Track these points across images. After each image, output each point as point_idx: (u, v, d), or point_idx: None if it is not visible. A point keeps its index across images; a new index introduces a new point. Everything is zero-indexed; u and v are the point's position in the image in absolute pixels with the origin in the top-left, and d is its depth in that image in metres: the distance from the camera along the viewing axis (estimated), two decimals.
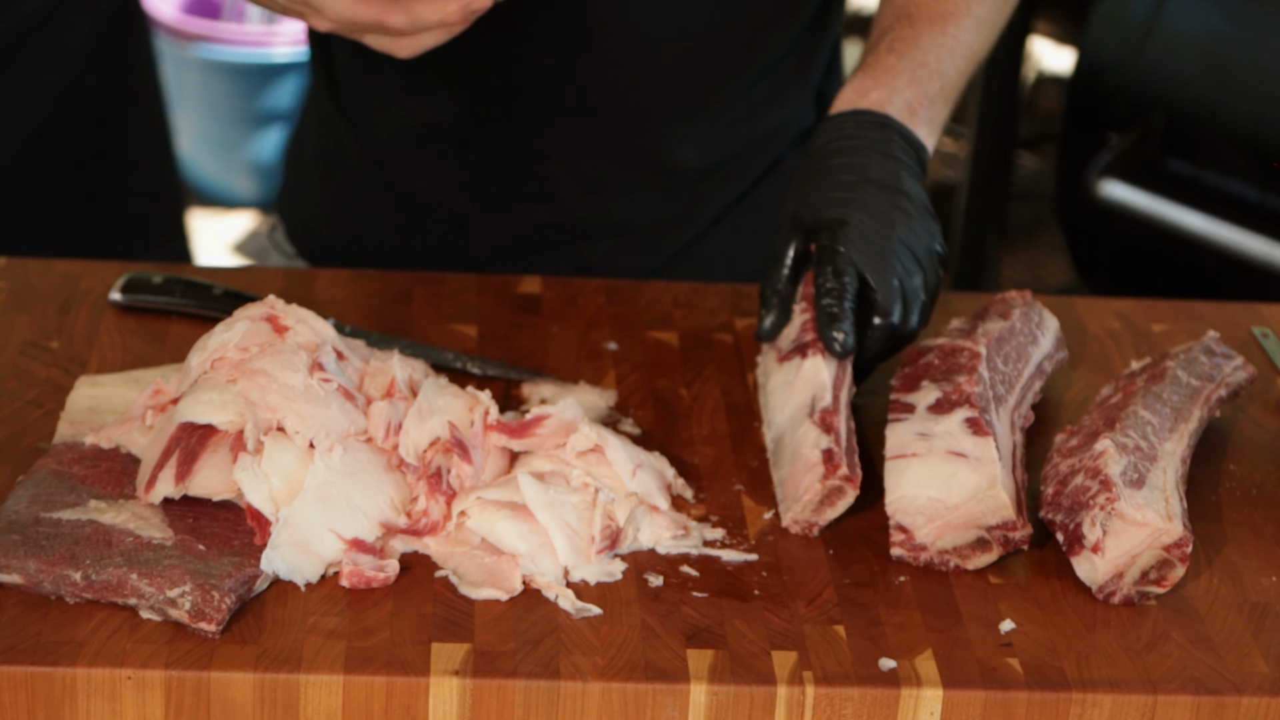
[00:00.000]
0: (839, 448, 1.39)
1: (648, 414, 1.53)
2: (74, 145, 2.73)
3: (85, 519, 1.33)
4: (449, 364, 1.56)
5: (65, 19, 2.64)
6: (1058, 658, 1.31)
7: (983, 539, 1.37)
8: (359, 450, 1.37)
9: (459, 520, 1.36)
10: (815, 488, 1.38)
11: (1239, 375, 1.54)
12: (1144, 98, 2.97)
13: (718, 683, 1.27)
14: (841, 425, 1.41)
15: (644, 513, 1.39)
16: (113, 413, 1.45)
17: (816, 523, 1.39)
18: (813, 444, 1.40)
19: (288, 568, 1.31)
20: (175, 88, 3.55)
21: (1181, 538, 1.34)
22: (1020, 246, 3.95)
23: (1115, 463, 1.37)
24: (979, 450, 1.38)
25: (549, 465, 1.40)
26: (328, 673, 1.25)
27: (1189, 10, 2.96)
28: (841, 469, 1.38)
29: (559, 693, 1.26)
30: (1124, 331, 1.68)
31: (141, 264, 1.64)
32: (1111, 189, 2.98)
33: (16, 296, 1.61)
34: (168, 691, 1.24)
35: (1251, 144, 2.90)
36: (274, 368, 1.37)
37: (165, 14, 3.75)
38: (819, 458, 1.39)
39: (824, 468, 1.38)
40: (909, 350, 1.51)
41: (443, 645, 1.28)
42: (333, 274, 1.68)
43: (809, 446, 1.40)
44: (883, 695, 1.27)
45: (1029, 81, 4.10)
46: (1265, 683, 1.30)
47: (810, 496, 1.38)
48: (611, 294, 1.68)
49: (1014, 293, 1.58)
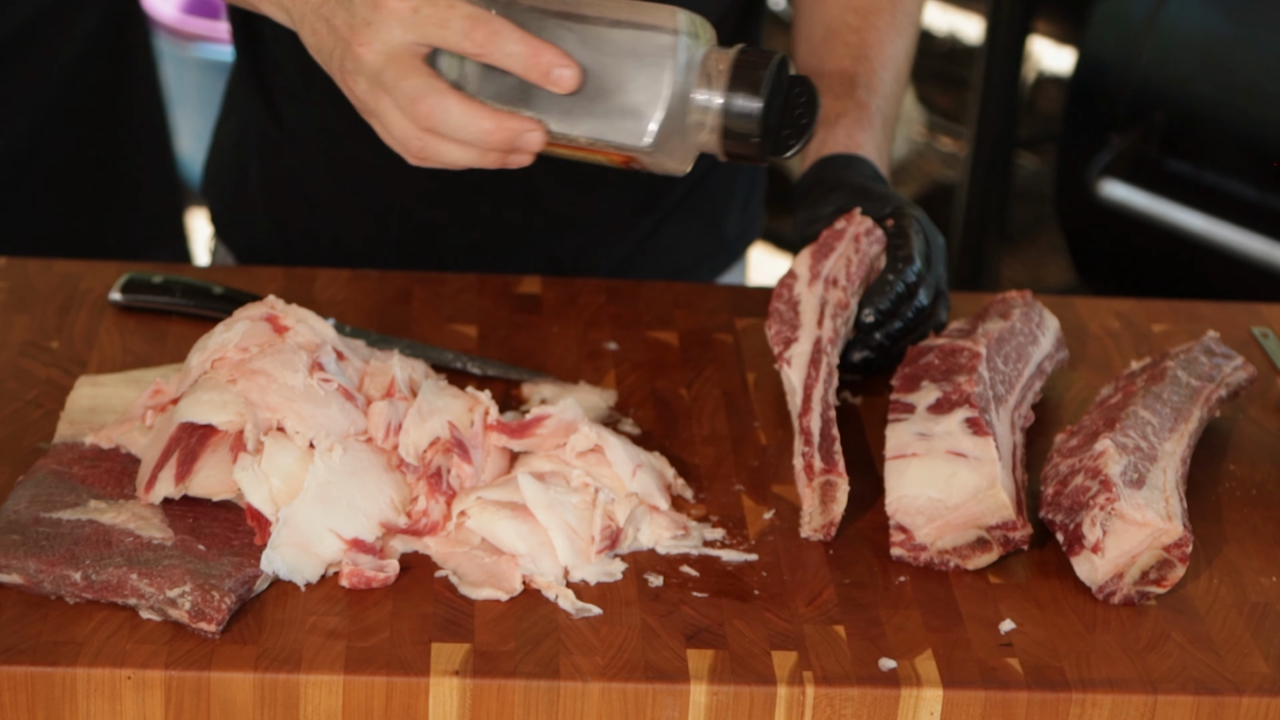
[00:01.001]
0: (811, 447, 1.40)
1: (648, 414, 1.53)
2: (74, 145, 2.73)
3: (85, 519, 1.33)
4: (449, 364, 1.56)
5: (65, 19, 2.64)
6: (1058, 658, 1.31)
7: (983, 539, 1.37)
8: (359, 450, 1.37)
9: (459, 520, 1.36)
10: (807, 494, 1.38)
11: (1239, 375, 1.54)
12: (1144, 98, 2.97)
13: (718, 683, 1.27)
14: (814, 423, 1.41)
15: (644, 513, 1.39)
16: (113, 413, 1.45)
17: (830, 523, 1.39)
18: (798, 452, 1.41)
19: (288, 568, 1.31)
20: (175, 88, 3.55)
21: (1181, 538, 1.34)
22: (1020, 246, 3.95)
23: (1115, 463, 1.37)
24: (979, 450, 1.38)
25: (549, 465, 1.40)
26: (328, 673, 1.25)
27: (1189, 10, 2.96)
28: (818, 466, 1.38)
29: (559, 693, 1.26)
30: (1124, 331, 1.68)
31: (141, 264, 1.64)
32: (1111, 189, 2.98)
33: (16, 296, 1.61)
34: (168, 691, 1.24)
35: (1251, 144, 2.90)
36: (274, 368, 1.37)
37: (165, 14, 3.75)
38: (802, 465, 1.40)
39: (805, 473, 1.39)
40: (909, 350, 1.51)
41: (443, 645, 1.28)
42: (333, 274, 1.68)
43: (797, 456, 1.41)
44: (883, 695, 1.27)
45: (1029, 81, 4.10)
46: (1265, 683, 1.30)
47: (809, 505, 1.39)
48: (611, 294, 1.68)
49: (1014, 293, 1.58)
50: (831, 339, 1.48)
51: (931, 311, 1.55)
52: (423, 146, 1.36)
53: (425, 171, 1.79)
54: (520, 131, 1.34)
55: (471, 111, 1.33)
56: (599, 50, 1.34)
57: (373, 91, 1.36)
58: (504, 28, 1.33)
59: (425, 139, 1.35)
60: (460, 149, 1.36)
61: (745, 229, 1.95)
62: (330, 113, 1.79)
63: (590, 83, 1.34)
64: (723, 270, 1.94)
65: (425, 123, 1.34)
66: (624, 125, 1.35)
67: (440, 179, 1.78)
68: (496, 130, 1.34)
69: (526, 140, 1.35)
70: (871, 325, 1.53)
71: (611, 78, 1.34)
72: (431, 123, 1.34)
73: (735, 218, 1.92)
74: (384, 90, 1.35)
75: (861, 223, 1.53)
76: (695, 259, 1.90)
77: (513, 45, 1.32)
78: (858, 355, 1.55)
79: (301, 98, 1.80)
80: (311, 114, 1.80)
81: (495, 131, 1.34)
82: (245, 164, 1.88)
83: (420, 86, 1.33)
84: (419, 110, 1.33)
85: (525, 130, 1.34)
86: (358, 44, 1.35)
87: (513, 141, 1.35)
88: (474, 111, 1.33)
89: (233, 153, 1.90)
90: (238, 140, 1.89)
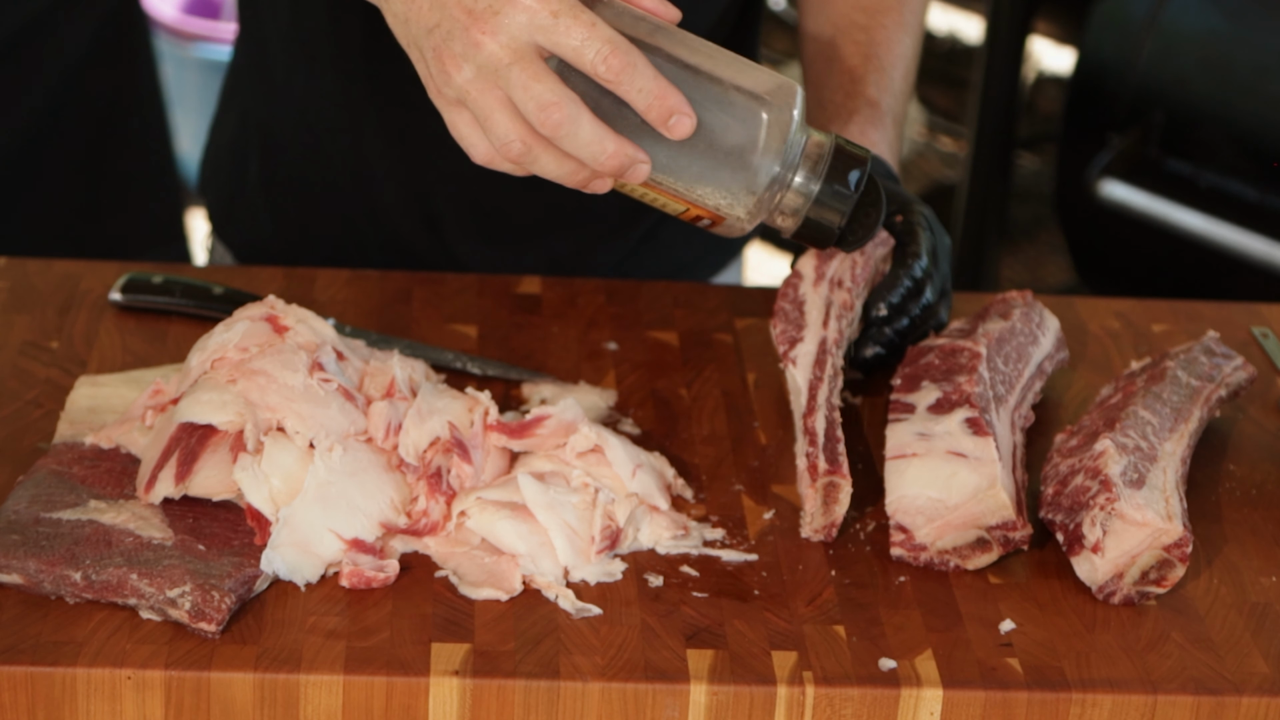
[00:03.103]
0: (815, 448, 1.40)
1: (648, 414, 1.53)
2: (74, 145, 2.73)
3: (85, 519, 1.33)
4: (449, 364, 1.56)
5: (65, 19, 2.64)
6: (1058, 658, 1.31)
7: (983, 539, 1.37)
8: (359, 450, 1.37)
9: (459, 520, 1.37)
10: (810, 494, 1.38)
11: (1239, 375, 1.54)
12: (1144, 98, 2.97)
13: (718, 683, 1.27)
14: (819, 424, 1.41)
15: (644, 513, 1.39)
16: (113, 413, 1.45)
17: (832, 524, 1.39)
18: (801, 453, 1.41)
19: (288, 568, 1.31)
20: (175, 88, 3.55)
21: (1181, 538, 1.34)
22: (1020, 246, 3.95)
23: (1115, 463, 1.37)
24: (979, 450, 1.38)
25: (549, 465, 1.40)
26: (328, 673, 1.25)
27: (1189, 10, 2.96)
28: (822, 466, 1.38)
29: (559, 693, 1.26)
30: (1124, 331, 1.68)
31: (141, 264, 1.64)
32: (1111, 189, 2.98)
33: (16, 296, 1.61)
34: (168, 691, 1.24)
35: (1251, 144, 2.90)
36: (274, 368, 1.37)
37: (165, 14, 3.75)
38: (805, 465, 1.39)
39: (809, 473, 1.39)
40: (909, 350, 1.51)
41: (443, 645, 1.28)
42: (333, 274, 1.68)
43: (800, 456, 1.41)
44: (883, 695, 1.27)
45: (1029, 81, 4.10)
46: (1265, 683, 1.30)
47: (811, 505, 1.39)
48: (611, 294, 1.68)
49: (1014, 293, 1.58)
50: (836, 340, 1.48)
51: (935, 309, 1.56)
52: (525, 151, 1.31)
53: (425, 169, 1.79)
54: (634, 161, 1.31)
55: (600, 130, 1.29)
56: (712, 107, 1.32)
57: (480, 83, 1.30)
58: (640, 61, 1.29)
59: (533, 144, 1.30)
60: (563, 163, 1.31)
61: None
62: (333, 110, 1.80)
63: (697, 135, 1.32)
64: (720, 268, 1.94)
65: (549, 130, 1.29)
66: (723, 188, 1.34)
67: (440, 176, 1.79)
68: (616, 155, 1.30)
69: (635, 171, 1.31)
70: (882, 320, 1.54)
71: (719, 138, 1.33)
72: (557, 133, 1.29)
73: None
74: (498, 86, 1.29)
75: None
76: (693, 256, 1.91)
77: (644, 82, 1.29)
78: (869, 351, 1.55)
79: (306, 92, 1.80)
80: (314, 111, 1.80)
81: (615, 156, 1.30)
82: (244, 160, 1.88)
83: (554, 93, 1.28)
84: (549, 118, 1.28)
85: (639, 161, 1.31)
86: (479, 31, 1.29)
87: (624, 169, 1.31)
88: (602, 131, 1.29)
89: (231, 150, 1.90)
90: (236, 137, 1.89)
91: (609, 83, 1.29)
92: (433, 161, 1.78)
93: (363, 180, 1.81)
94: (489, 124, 1.31)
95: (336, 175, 1.82)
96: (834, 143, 1.36)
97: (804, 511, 1.40)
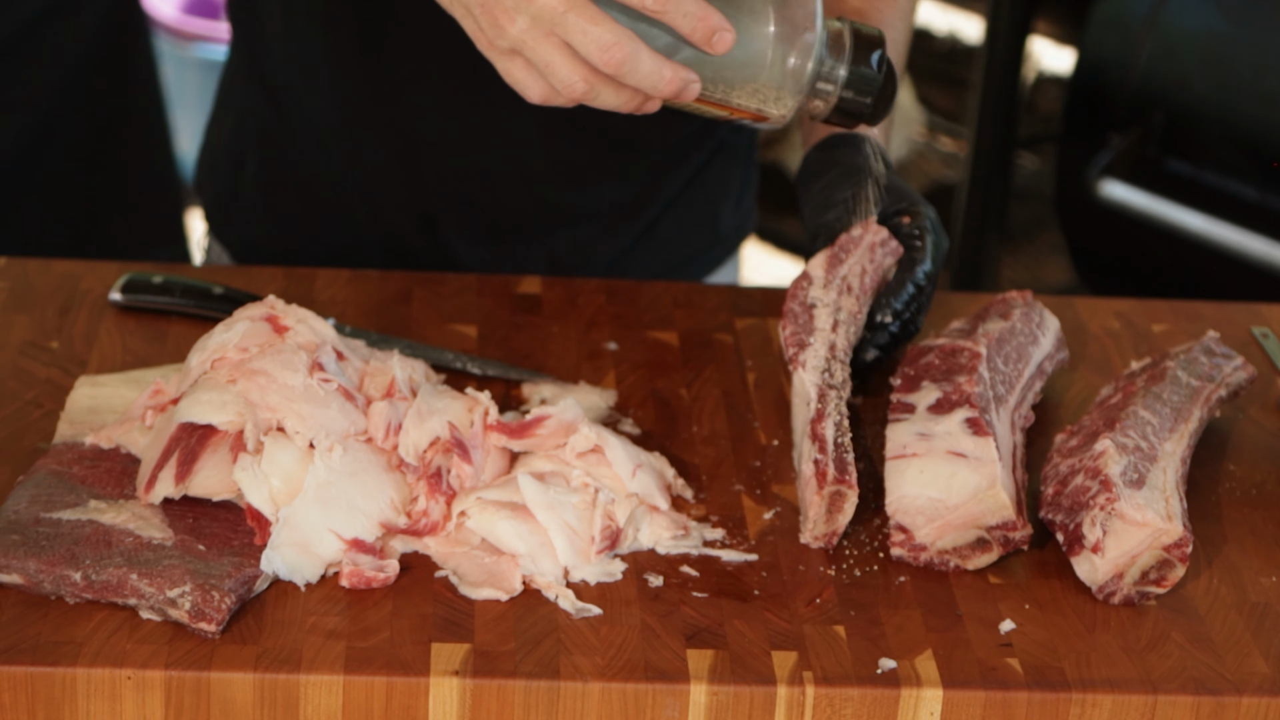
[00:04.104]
0: (825, 455, 1.39)
1: (648, 414, 1.53)
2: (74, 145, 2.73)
3: (85, 519, 1.33)
4: (449, 364, 1.56)
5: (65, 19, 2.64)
6: (1058, 658, 1.31)
7: (983, 539, 1.37)
8: (359, 450, 1.37)
9: (459, 520, 1.36)
10: (815, 501, 1.38)
11: (1239, 375, 1.54)
12: (1144, 98, 2.97)
13: (718, 683, 1.27)
14: (829, 431, 1.41)
15: (644, 513, 1.39)
16: (113, 413, 1.45)
17: (834, 532, 1.39)
18: (809, 458, 1.41)
19: (288, 568, 1.31)
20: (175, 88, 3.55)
21: (1181, 538, 1.34)
22: (1020, 246, 3.95)
23: (1115, 463, 1.37)
24: (979, 450, 1.38)
25: (549, 465, 1.40)
26: (328, 673, 1.25)
27: (1189, 10, 2.96)
28: (830, 475, 1.38)
29: (559, 693, 1.26)
30: (1124, 331, 1.68)
31: (141, 264, 1.64)
32: (1111, 189, 2.98)
33: (16, 296, 1.61)
34: (168, 691, 1.24)
35: (1251, 144, 2.90)
36: (274, 368, 1.37)
37: (165, 14, 3.75)
38: (812, 471, 1.39)
39: (816, 480, 1.38)
40: (909, 350, 1.51)
41: (443, 645, 1.28)
42: (333, 274, 1.68)
43: (807, 462, 1.41)
44: (883, 695, 1.27)
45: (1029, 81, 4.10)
46: (1265, 683, 1.30)
47: (815, 511, 1.38)
48: (611, 294, 1.68)
49: (1014, 293, 1.58)
50: (845, 347, 1.49)
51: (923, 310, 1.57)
52: (589, 89, 1.36)
53: (425, 165, 1.79)
54: (688, 83, 1.37)
55: (657, 61, 1.36)
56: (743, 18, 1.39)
57: (536, 32, 1.35)
58: None
59: (595, 82, 1.36)
60: (621, 93, 1.37)
61: (740, 224, 1.96)
62: (329, 109, 1.80)
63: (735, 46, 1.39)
64: (717, 265, 1.95)
65: (612, 69, 1.35)
66: (761, 90, 1.41)
67: (440, 174, 1.79)
68: (673, 81, 1.37)
69: (688, 91, 1.38)
70: (885, 324, 1.54)
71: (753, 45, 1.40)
72: (620, 70, 1.35)
73: (730, 213, 1.94)
74: (554, 33, 1.35)
75: (878, 233, 1.54)
76: (690, 254, 1.92)
77: (688, 5, 1.35)
78: (870, 355, 1.55)
79: (303, 91, 1.80)
80: (313, 108, 1.80)
81: (672, 82, 1.36)
82: (242, 159, 1.88)
83: (613, 34, 1.34)
84: (611, 57, 1.34)
85: (691, 82, 1.38)
86: None
87: (680, 91, 1.37)
88: (659, 61, 1.36)
89: (228, 148, 1.90)
90: (234, 135, 1.89)
91: (656, 13, 1.35)
92: (428, 160, 1.78)
93: (359, 179, 1.81)
94: (549, 69, 1.36)
95: (334, 174, 1.82)
96: (851, 28, 1.43)
97: (805, 518, 1.39)
